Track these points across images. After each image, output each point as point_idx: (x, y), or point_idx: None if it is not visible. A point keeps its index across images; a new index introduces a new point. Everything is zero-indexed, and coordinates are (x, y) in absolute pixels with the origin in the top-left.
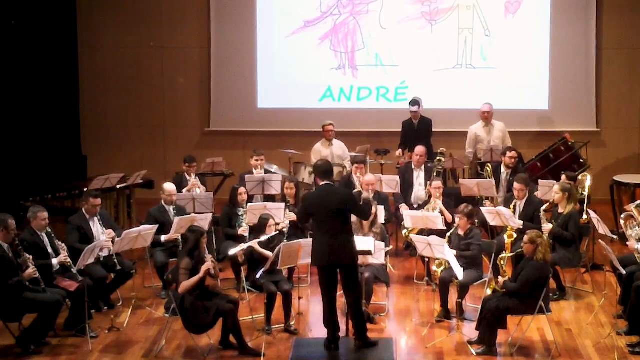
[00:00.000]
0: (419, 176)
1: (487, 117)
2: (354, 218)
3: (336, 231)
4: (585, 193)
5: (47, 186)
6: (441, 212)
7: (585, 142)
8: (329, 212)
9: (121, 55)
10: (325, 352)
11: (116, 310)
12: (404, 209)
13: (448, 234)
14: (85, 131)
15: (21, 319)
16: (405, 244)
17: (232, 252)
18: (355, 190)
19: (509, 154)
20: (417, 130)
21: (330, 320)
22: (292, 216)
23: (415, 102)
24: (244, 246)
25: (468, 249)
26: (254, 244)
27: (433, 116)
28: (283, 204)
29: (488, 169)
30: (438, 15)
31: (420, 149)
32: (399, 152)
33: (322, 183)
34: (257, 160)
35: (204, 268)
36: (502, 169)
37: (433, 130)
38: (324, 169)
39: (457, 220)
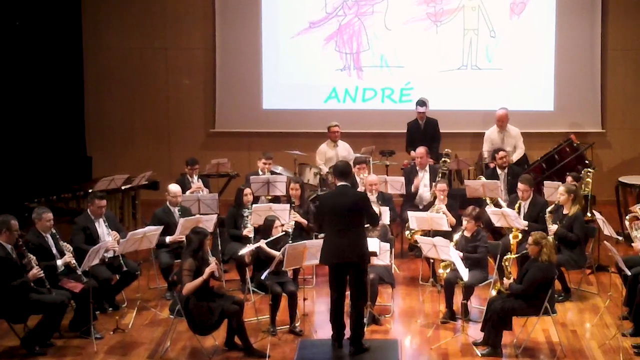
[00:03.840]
0: (423, 177)
1: (501, 124)
2: None
3: (348, 231)
4: (589, 189)
5: (52, 187)
6: (444, 214)
7: (591, 144)
8: (343, 212)
9: (126, 57)
10: (331, 352)
11: (121, 311)
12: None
13: (455, 237)
14: (90, 132)
15: (26, 320)
16: (410, 245)
17: (241, 252)
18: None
19: (498, 155)
20: (424, 131)
21: (336, 318)
22: (298, 217)
23: (422, 103)
24: (252, 247)
25: (475, 251)
26: (262, 244)
27: (438, 117)
28: (288, 205)
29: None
30: (443, 16)
31: (420, 151)
32: (413, 153)
33: (339, 184)
34: (265, 164)
35: (207, 270)
36: (498, 170)
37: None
38: (342, 170)
39: (464, 222)
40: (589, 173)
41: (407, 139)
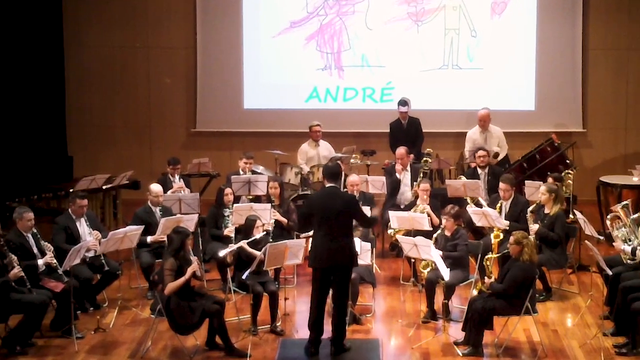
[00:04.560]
0: (404, 177)
1: (483, 123)
2: None
3: (337, 234)
4: (570, 191)
5: (33, 187)
6: (429, 215)
7: (572, 143)
8: (332, 214)
9: (107, 56)
10: (306, 356)
11: (102, 311)
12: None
13: (434, 235)
14: (71, 132)
15: (7, 320)
16: (391, 244)
17: (222, 253)
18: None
19: (477, 154)
20: (407, 130)
21: (316, 323)
22: (278, 215)
23: (404, 102)
24: (233, 247)
25: (455, 250)
26: (244, 244)
27: (419, 117)
28: (269, 205)
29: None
30: (424, 16)
31: (400, 151)
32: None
33: (328, 185)
34: (246, 163)
35: (189, 270)
36: (479, 170)
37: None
38: (331, 171)
39: (443, 221)
40: (569, 174)
41: (390, 139)
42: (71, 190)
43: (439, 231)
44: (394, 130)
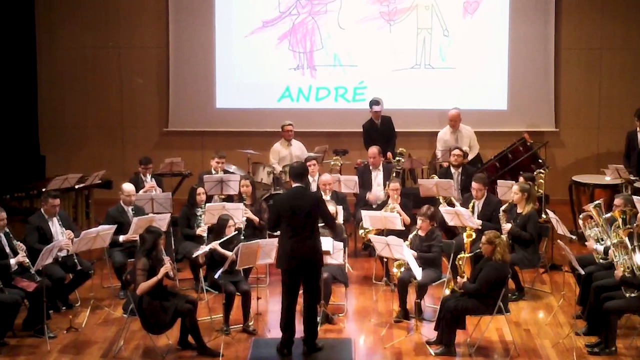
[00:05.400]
0: (377, 176)
1: (454, 123)
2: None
3: (305, 234)
4: (542, 190)
5: (5, 186)
6: (399, 214)
7: (544, 143)
8: (301, 215)
9: (79, 56)
10: (279, 356)
11: (75, 310)
12: (369, 197)
13: (410, 236)
14: (44, 131)
15: None
16: (363, 244)
17: (195, 254)
18: None
19: (453, 152)
20: (381, 129)
21: (287, 324)
22: (249, 213)
23: (377, 102)
24: (206, 248)
25: (429, 250)
26: (216, 245)
27: (391, 116)
28: (241, 204)
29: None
30: (397, 15)
31: (372, 151)
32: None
33: (294, 185)
34: (218, 163)
35: (162, 270)
36: (452, 169)
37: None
38: (297, 171)
39: (418, 221)
40: (541, 174)
41: (364, 140)
42: (44, 189)
43: (414, 232)
44: (368, 130)
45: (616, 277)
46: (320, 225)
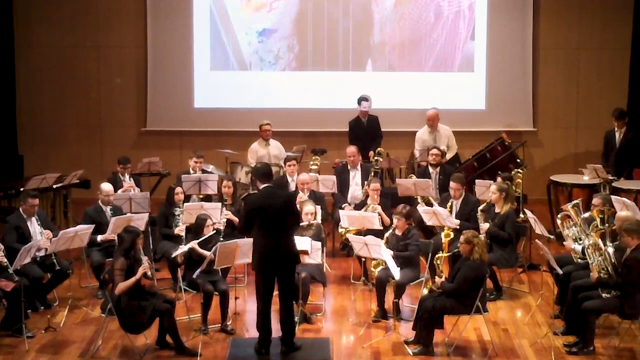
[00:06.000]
0: (355, 176)
1: (432, 123)
2: None
3: (279, 234)
4: (520, 190)
5: None
6: (380, 215)
7: (522, 142)
8: (273, 214)
9: (58, 55)
10: (257, 355)
11: (53, 310)
12: (346, 209)
13: (386, 235)
14: (22, 131)
15: None
16: (341, 243)
17: (174, 254)
18: None
19: (431, 152)
20: (367, 127)
21: (264, 324)
22: (230, 215)
23: (365, 99)
24: (185, 248)
25: (406, 249)
26: (194, 244)
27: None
28: (220, 204)
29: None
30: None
31: (351, 150)
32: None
33: (262, 186)
34: (196, 162)
35: (140, 270)
36: (430, 169)
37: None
38: (263, 172)
39: (394, 220)
40: (519, 173)
41: (350, 137)
42: (22, 189)
43: (390, 231)
44: (354, 127)
45: (592, 279)
46: (302, 224)
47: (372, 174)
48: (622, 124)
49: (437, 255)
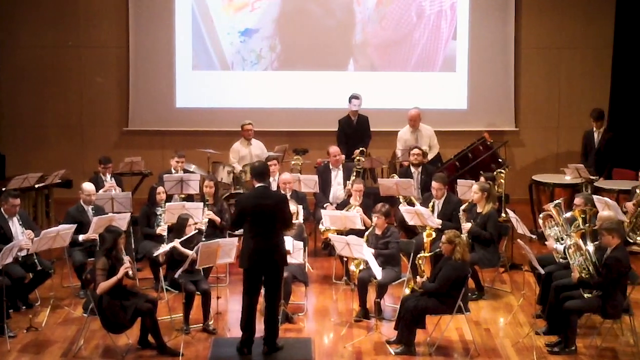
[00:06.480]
0: (337, 175)
1: (413, 123)
2: None
3: (269, 234)
4: (502, 190)
5: None
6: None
7: (504, 142)
8: (265, 214)
9: (39, 55)
10: (239, 355)
11: (34, 309)
12: (328, 209)
13: (366, 234)
14: (3, 130)
15: None
16: (323, 243)
17: (156, 253)
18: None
19: (412, 152)
20: (355, 127)
21: (248, 323)
22: (211, 215)
23: (355, 97)
24: (166, 247)
25: (386, 247)
26: (176, 243)
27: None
28: (202, 204)
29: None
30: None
31: (333, 149)
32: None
33: (257, 185)
34: (177, 162)
35: (122, 269)
36: (412, 169)
37: None
38: (259, 171)
39: (374, 219)
40: (501, 173)
41: (338, 136)
42: (3, 189)
43: (370, 229)
44: (344, 126)
45: (573, 279)
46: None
47: (355, 174)
48: (600, 124)
49: (419, 255)
